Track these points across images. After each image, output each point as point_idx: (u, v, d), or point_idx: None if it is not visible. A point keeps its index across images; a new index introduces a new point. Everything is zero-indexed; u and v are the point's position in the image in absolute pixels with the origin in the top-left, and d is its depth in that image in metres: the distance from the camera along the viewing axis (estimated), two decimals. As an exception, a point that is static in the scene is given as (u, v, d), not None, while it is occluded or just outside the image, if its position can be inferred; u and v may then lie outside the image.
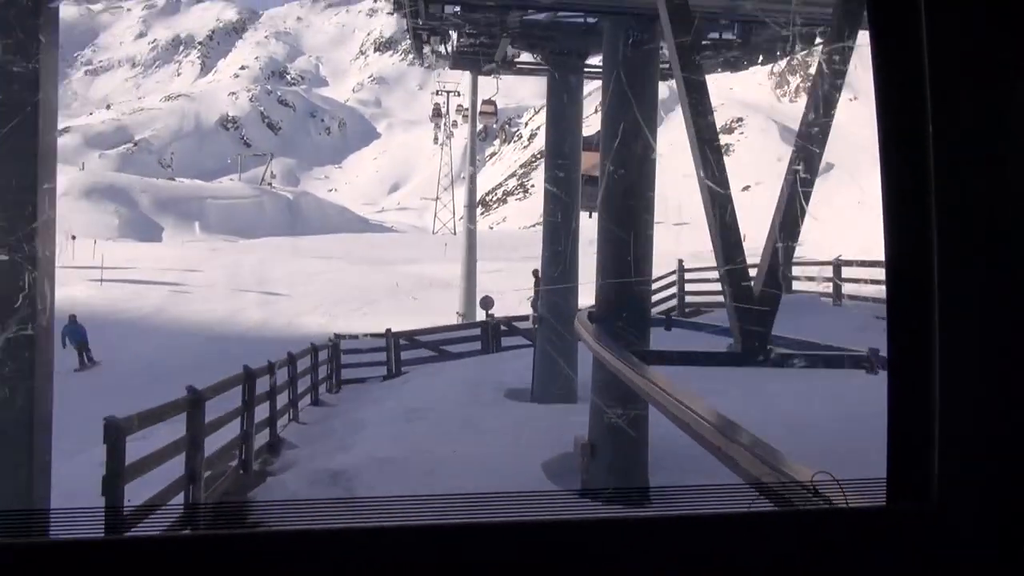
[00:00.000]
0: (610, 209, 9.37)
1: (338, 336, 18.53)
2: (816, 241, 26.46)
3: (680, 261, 21.89)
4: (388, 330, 18.93)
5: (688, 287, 22.06)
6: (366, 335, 19.46)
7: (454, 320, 23.90)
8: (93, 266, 28.05)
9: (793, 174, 6.97)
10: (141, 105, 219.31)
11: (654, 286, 15.96)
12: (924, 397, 1.46)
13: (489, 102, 29.60)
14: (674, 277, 22.08)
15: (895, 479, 1.59)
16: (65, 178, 63.89)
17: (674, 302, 21.40)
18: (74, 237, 34.47)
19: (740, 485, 2.16)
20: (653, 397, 5.53)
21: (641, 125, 8.74)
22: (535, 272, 16.25)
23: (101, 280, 26.40)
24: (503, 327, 19.67)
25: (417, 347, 19.14)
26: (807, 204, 7.18)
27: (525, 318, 18.96)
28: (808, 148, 6.80)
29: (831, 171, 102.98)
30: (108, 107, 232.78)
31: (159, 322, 21.04)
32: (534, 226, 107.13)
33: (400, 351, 18.64)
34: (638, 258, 9.06)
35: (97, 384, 16.46)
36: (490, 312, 20.05)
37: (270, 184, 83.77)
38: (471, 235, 25.10)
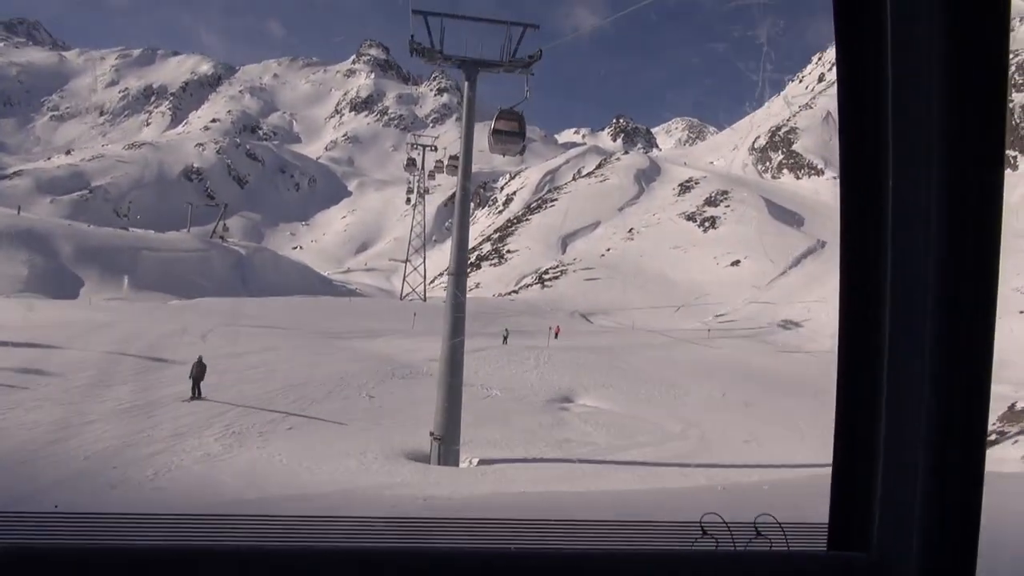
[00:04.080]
0: None
1: None
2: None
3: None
4: None
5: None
6: None
7: (425, 446, 15.87)
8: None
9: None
10: (102, 152, 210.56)
11: None
12: (868, 453, 1.54)
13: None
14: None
15: (836, 527, 1.66)
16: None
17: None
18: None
19: (686, 523, 1.96)
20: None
21: None
22: None
23: None
24: None
25: None
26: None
27: None
28: None
29: (824, 249, 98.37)
30: (68, 152, 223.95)
31: None
32: (511, 294, 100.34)
33: None
34: None
35: None
36: None
37: (222, 238, 75.52)
38: (455, 353, 15.13)
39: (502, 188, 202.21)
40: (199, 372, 18.76)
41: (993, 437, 17.42)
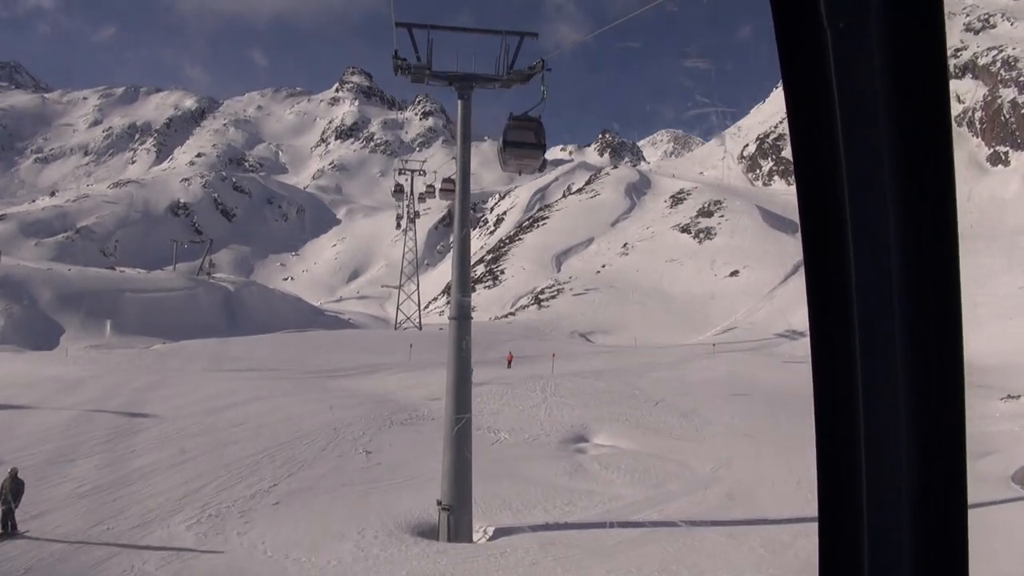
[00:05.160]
0: None
1: None
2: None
3: None
4: None
5: None
6: None
7: (432, 513, 13.85)
8: None
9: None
10: (87, 192, 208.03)
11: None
12: (853, 510, 1.51)
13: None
14: None
15: None
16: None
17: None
18: None
19: None
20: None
21: None
22: None
23: None
24: None
25: None
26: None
27: None
28: None
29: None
30: (53, 194, 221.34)
31: None
32: (507, 316, 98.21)
33: None
34: None
35: None
36: None
37: (208, 274, 73.43)
38: (461, 429, 12.58)
39: (492, 208, 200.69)
40: (12, 494, 12.48)
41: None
